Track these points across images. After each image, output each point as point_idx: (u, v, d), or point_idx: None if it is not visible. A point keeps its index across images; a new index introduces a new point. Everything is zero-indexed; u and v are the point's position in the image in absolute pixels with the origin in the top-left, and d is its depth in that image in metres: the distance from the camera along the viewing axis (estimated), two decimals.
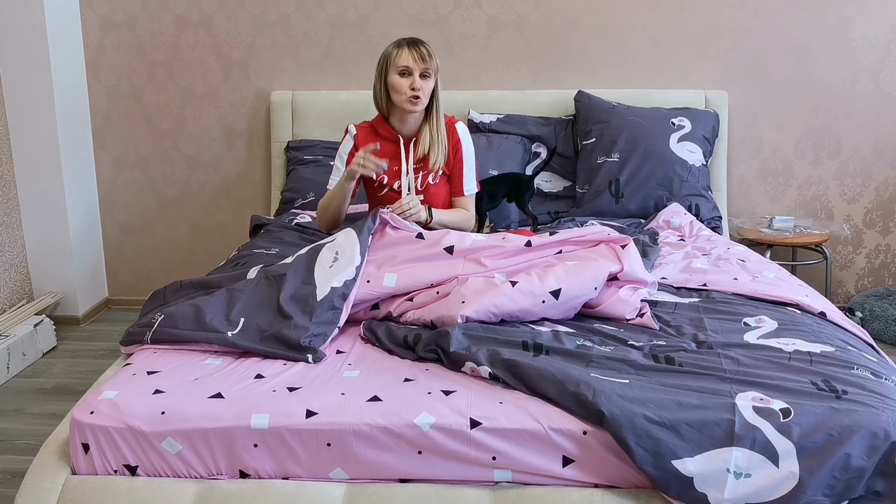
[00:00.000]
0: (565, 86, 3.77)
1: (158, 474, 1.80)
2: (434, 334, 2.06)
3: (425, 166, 2.75)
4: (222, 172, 3.98)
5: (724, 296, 2.42)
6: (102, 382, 2.03)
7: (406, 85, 2.61)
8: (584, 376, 1.81)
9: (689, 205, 3.38)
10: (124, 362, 2.14)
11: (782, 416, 1.69)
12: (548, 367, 1.84)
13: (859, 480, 1.65)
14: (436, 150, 2.73)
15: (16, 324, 3.47)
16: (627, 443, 1.67)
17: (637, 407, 1.71)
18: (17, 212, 3.74)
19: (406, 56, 2.61)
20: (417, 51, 2.61)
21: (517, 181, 3.20)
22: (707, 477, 1.65)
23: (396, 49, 2.64)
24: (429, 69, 2.62)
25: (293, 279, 2.20)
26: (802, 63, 3.70)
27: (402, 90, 2.62)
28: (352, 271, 2.19)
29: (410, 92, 2.61)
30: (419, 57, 2.60)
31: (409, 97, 2.62)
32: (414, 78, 2.61)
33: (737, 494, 1.64)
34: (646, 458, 1.66)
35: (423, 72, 2.62)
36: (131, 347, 2.16)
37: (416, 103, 2.63)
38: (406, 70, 2.61)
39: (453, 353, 1.97)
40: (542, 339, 2.03)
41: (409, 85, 2.61)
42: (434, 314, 2.16)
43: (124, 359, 2.20)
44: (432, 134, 2.73)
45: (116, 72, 3.89)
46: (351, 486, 1.76)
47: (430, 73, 2.64)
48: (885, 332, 3.51)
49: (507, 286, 2.14)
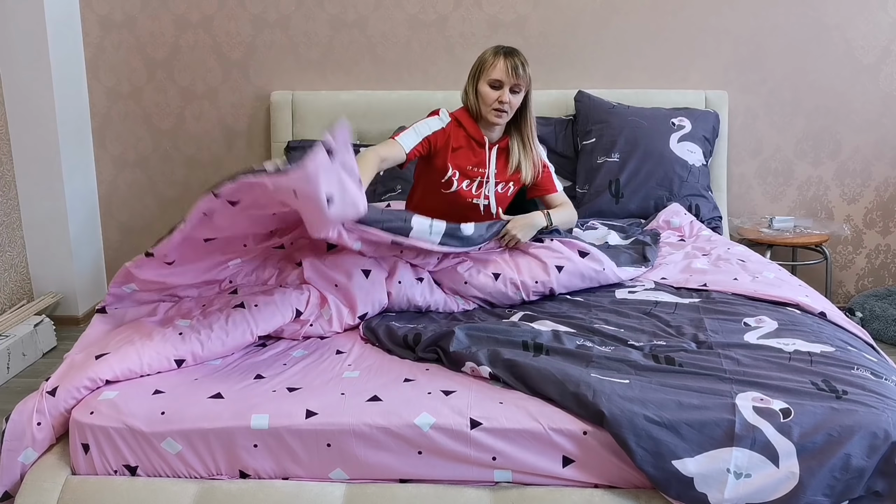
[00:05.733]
0: (565, 86, 3.77)
1: (158, 474, 1.80)
2: (435, 335, 2.06)
3: (503, 175, 2.70)
4: (222, 172, 3.98)
5: (725, 296, 2.42)
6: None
7: (494, 97, 2.56)
8: (585, 376, 1.81)
9: (689, 205, 3.38)
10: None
11: (782, 417, 1.69)
12: (548, 367, 1.84)
13: (859, 480, 1.65)
14: (526, 165, 2.69)
15: (16, 324, 3.47)
16: (628, 443, 1.67)
17: (637, 407, 1.71)
18: (17, 212, 3.74)
19: (501, 68, 2.54)
20: (512, 63, 2.54)
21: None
22: (707, 477, 1.65)
23: (493, 58, 2.57)
24: (520, 85, 2.57)
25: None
26: (802, 63, 3.70)
27: (490, 101, 2.57)
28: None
29: (498, 105, 2.57)
30: (513, 71, 2.54)
31: (494, 110, 2.58)
32: (504, 91, 2.55)
33: (737, 494, 1.64)
34: (646, 458, 1.66)
35: (514, 87, 2.57)
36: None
37: (500, 116, 2.59)
38: (497, 83, 2.55)
39: (454, 352, 1.97)
40: (543, 339, 2.04)
41: (498, 98, 2.56)
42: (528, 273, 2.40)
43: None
44: (525, 148, 2.69)
45: (116, 72, 3.89)
46: (351, 486, 1.76)
47: (521, 87, 2.58)
48: (885, 332, 3.51)
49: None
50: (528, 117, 2.67)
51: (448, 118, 2.67)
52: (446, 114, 2.68)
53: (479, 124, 2.67)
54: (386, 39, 3.77)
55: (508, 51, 2.59)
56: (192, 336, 2.02)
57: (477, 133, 2.66)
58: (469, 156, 2.66)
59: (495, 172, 2.68)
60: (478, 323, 2.19)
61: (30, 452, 1.82)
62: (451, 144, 2.64)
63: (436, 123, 2.64)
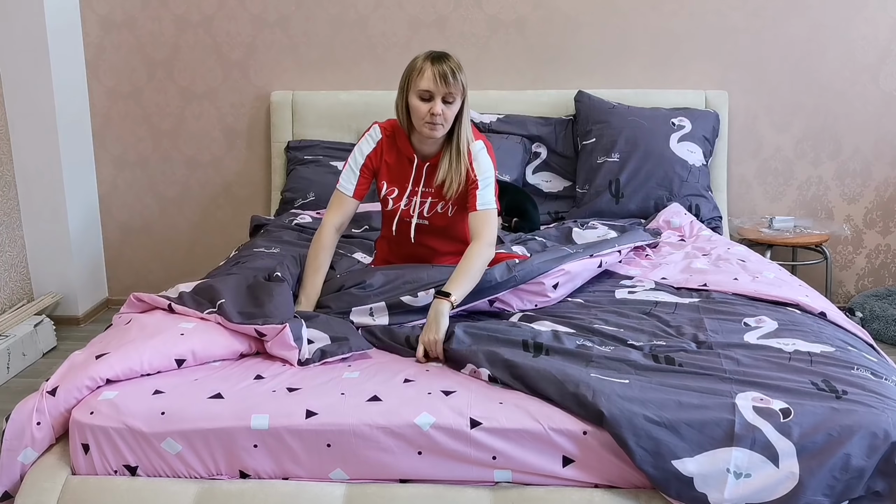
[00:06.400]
0: (565, 86, 3.77)
1: (158, 474, 1.80)
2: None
3: (437, 194, 2.45)
4: (222, 172, 3.98)
5: (725, 296, 2.42)
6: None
7: (425, 110, 2.30)
8: (584, 377, 1.80)
9: (690, 205, 3.38)
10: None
11: (782, 417, 1.69)
12: (548, 367, 1.84)
13: (859, 480, 1.65)
14: (450, 179, 2.40)
15: (16, 324, 3.47)
16: (627, 443, 1.67)
17: (637, 407, 1.71)
18: (17, 212, 3.74)
19: (429, 77, 2.28)
20: (441, 71, 2.28)
21: (516, 197, 3.24)
22: (707, 477, 1.65)
23: (420, 66, 2.32)
24: (452, 93, 2.29)
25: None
26: (802, 63, 3.70)
27: (421, 114, 2.31)
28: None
29: (429, 117, 2.31)
30: (442, 80, 2.27)
31: (426, 122, 2.32)
32: (435, 103, 2.29)
33: (737, 494, 1.64)
34: (646, 458, 1.66)
35: (446, 96, 2.30)
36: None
37: (434, 129, 2.32)
38: (427, 94, 2.29)
39: (454, 350, 1.97)
40: (543, 338, 2.03)
41: (429, 110, 2.29)
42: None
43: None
44: (451, 162, 2.41)
45: (116, 72, 3.89)
46: (351, 486, 1.76)
47: (455, 96, 2.31)
48: (885, 332, 3.51)
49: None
50: (461, 128, 2.38)
51: (379, 134, 2.48)
52: (377, 129, 2.49)
53: (412, 138, 2.43)
54: (386, 39, 3.77)
55: (437, 56, 2.33)
56: (194, 336, 2.02)
57: (406, 149, 2.45)
58: (400, 172, 2.47)
59: (428, 191, 2.46)
60: (477, 322, 2.19)
61: (29, 452, 1.82)
62: (385, 160, 2.47)
63: (367, 146, 2.48)
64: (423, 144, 2.42)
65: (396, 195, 2.48)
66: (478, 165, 2.41)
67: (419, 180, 2.45)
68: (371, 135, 2.49)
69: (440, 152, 2.44)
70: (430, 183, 2.46)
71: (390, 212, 2.52)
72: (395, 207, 2.49)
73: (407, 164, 2.46)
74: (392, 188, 2.48)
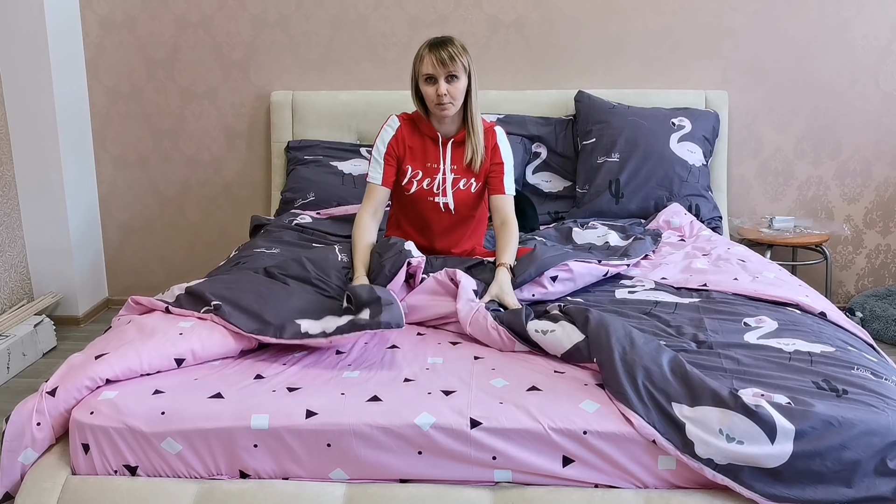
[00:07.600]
0: (565, 86, 3.77)
1: (158, 474, 1.80)
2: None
3: (461, 170, 2.65)
4: (222, 172, 3.98)
5: (725, 296, 2.42)
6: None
7: (432, 92, 2.52)
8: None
9: (690, 205, 3.38)
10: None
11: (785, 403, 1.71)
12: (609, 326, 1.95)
13: (851, 474, 1.65)
14: (472, 151, 2.62)
15: (16, 324, 3.47)
16: (636, 378, 1.79)
17: (647, 360, 1.83)
18: (17, 212, 3.74)
19: (428, 63, 2.51)
20: (438, 55, 2.49)
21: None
22: (700, 427, 1.69)
23: (421, 53, 2.54)
24: (453, 72, 2.50)
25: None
26: (802, 63, 3.70)
27: (430, 97, 2.54)
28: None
29: (437, 98, 2.52)
30: (439, 62, 2.48)
31: (436, 104, 2.54)
32: (439, 84, 2.50)
33: (723, 453, 1.67)
34: (647, 396, 1.77)
35: (448, 75, 2.50)
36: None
37: (445, 108, 2.54)
38: (430, 77, 2.52)
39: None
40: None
41: (436, 91, 2.51)
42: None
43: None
44: (469, 136, 2.62)
45: (116, 72, 3.89)
46: (351, 486, 1.76)
47: (458, 74, 2.51)
48: (885, 332, 3.51)
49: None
50: (470, 104, 2.59)
51: (397, 122, 2.67)
52: (395, 119, 2.68)
53: (432, 120, 2.65)
54: (386, 39, 3.77)
55: (435, 42, 2.54)
56: (193, 335, 2.02)
57: (429, 129, 2.65)
58: (426, 154, 2.66)
59: (453, 168, 2.65)
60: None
61: (30, 452, 1.82)
62: (408, 145, 2.64)
63: (387, 135, 2.66)
64: (443, 124, 2.64)
65: (421, 177, 2.65)
66: (503, 149, 2.67)
67: (445, 156, 2.65)
68: (390, 124, 2.68)
69: (461, 130, 2.65)
70: (456, 159, 2.65)
71: (413, 195, 2.67)
72: (419, 189, 2.65)
73: (432, 145, 2.66)
74: (417, 171, 2.66)
